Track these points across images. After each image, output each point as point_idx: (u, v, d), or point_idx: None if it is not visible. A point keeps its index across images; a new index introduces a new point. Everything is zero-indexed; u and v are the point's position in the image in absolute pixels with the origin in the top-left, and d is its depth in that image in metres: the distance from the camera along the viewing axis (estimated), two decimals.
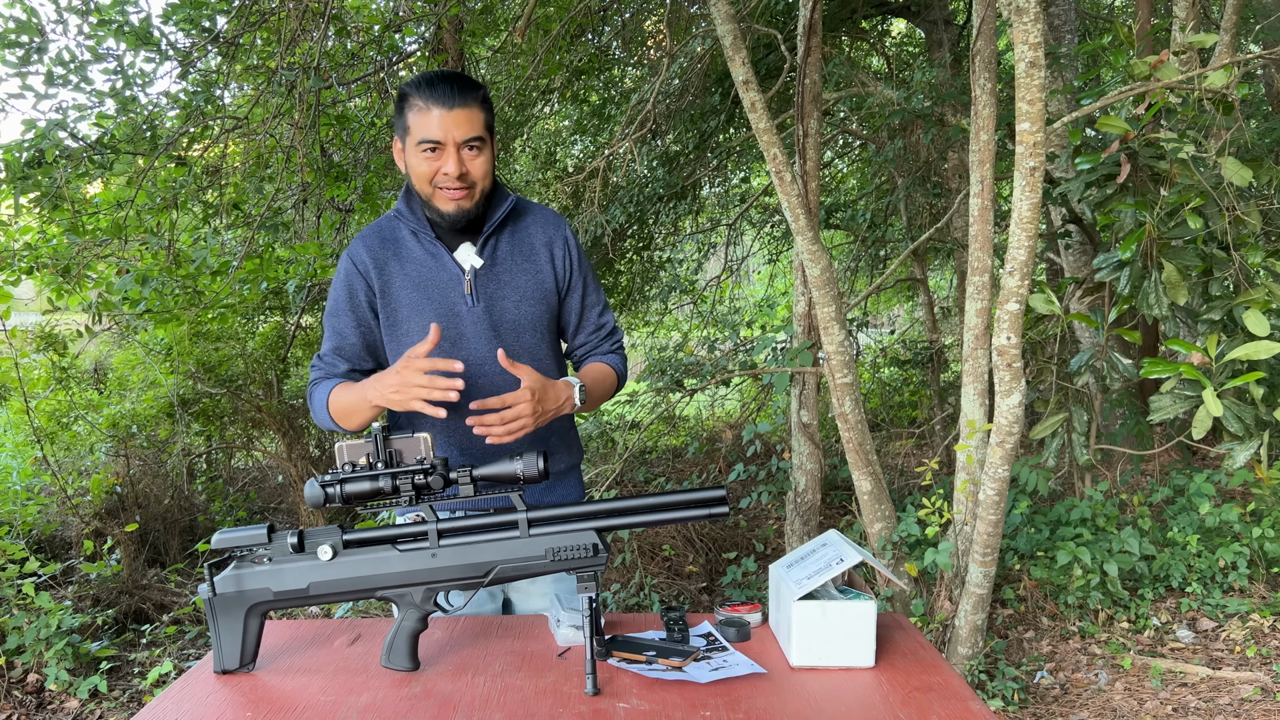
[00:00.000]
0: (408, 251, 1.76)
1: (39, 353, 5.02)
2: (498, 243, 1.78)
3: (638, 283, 7.51)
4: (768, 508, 5.18)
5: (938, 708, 1.30)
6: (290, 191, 4.26)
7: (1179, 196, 2.88)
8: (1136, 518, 4.06)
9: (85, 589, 4.22)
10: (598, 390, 1.81)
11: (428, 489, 1.42)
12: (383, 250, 1.76)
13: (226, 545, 1.47)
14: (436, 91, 1.63)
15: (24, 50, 3.64)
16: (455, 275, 1.75)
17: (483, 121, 1.67)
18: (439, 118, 1.63)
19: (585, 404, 1.74)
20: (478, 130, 1.66)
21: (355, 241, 1.78)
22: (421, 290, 1.74)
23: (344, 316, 1.76)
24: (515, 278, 1.78)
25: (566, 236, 1.85)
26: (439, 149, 1.65)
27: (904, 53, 7.72)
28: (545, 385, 1.63)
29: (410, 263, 1.75)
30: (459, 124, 1.63)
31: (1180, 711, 3.13)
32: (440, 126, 1.63)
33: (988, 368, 3.19)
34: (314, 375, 1.77)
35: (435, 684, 1.41)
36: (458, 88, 1.64)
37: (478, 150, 1.67)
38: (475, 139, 1.66)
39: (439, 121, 1.63)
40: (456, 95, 1.63)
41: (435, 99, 1.63)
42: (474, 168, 1.68)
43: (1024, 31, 2.65)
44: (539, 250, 1.81)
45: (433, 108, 1.63)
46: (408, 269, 1.75)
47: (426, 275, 1.75)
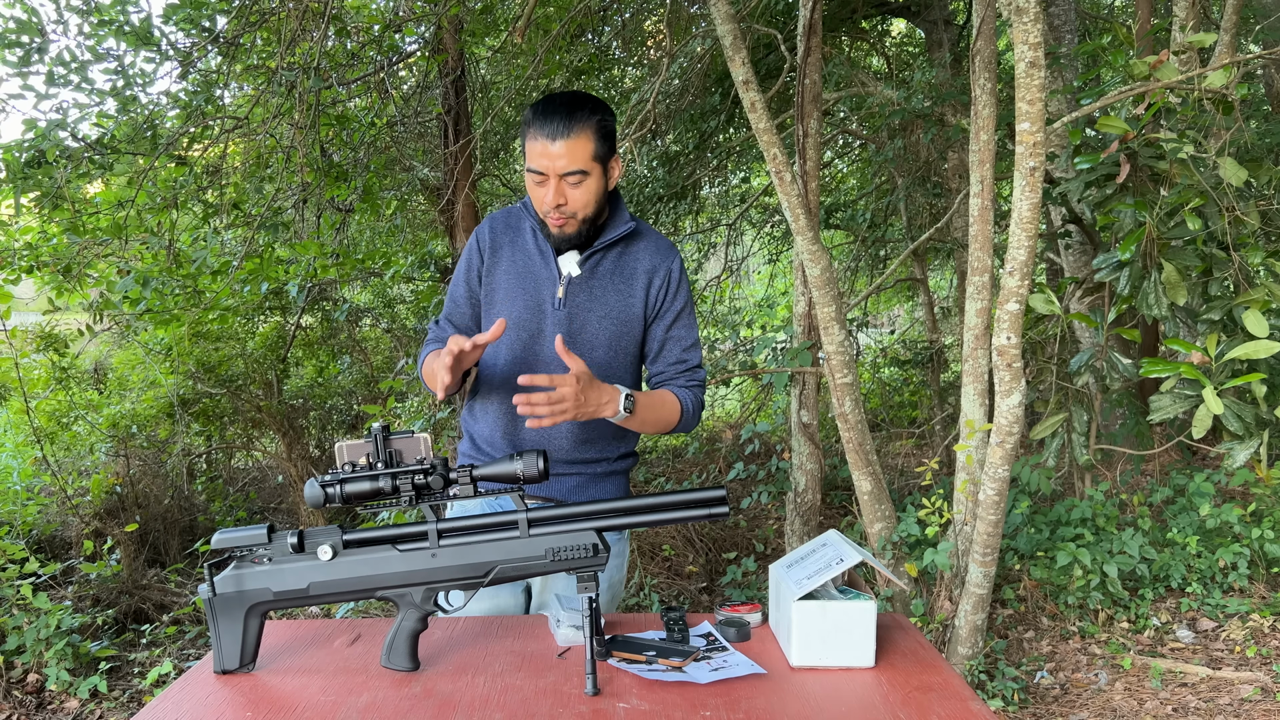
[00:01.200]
0: (522, 241, 1.86)
1: (39, 353, 5.02)
2: (603, 259, 1.84)
3: None
4: (768, 508, 5.18)
5: (938, 708, 1.30)
6: (290, 191, 4.26)
7: (1179, 196, 2.89)
8: (1136, 518, 4.06)
9: (85, 589, 4.22)
10: (651, 413, 1.79)
11: (428, 489, 1.42)
12: (504, 234, 1.87)
13: (226, 545, 1.47)
14: (546, 122, 1.67)
15: (25, 50, 3.64)
16: (553, 276, 1.82)
17: (590, 152, 1.70)
18: (543, 149, 1.68)
19: (632, 417, 1.73)
20: (579, 164, 1.69)
21: (487, 219, 1.90)
22: (519, 280, 1.83)
23: (460, 286, 1.88)
24: (606, 295, 1.83)
25: (671, 268, 1.87)
26: (543, 179, 1.71)
27: (904, 53, 7.71)
28: (593, 380, 1.65)
29: (520, 252, 1.85)
30: (560, 157, 1.68)
31: (1180, 711, 3.13)
32: (544, 157, 1.68)
33: (988, 368, 3.19)
34: (428, 336, 1.90)
35: (435, 684, 1.41)
36: (567, 119, 1.67)
37: (578, 182, 1.71)
38: (576, 171, 1.70)
39: (544, 153, 1.68)
40: (561, 127, 1.67)
41: (544, 129, 1.67)
42: (573, 198, 1.73)
43: (1024, 31, 2.65)
44: (639, 276, 1.85)
45: (539, 138, 1.68)
46: (516, 257, 1.85)
47: (529, 268, 1.83)
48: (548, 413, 1.60)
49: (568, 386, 1.60)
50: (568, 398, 1.60)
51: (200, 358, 5.25)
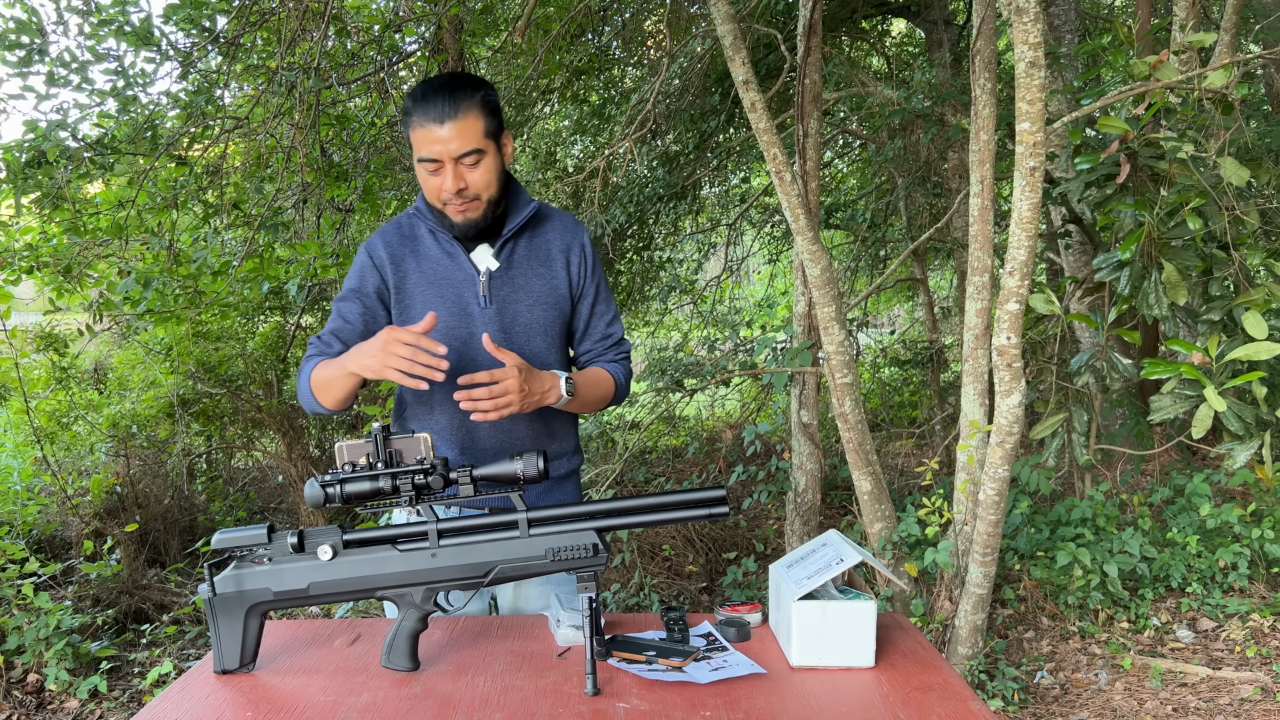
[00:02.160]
0: (425, 249, 1.77)
1: (39, 353, 5.02)
2: (515, 247, 1.79)
3: (638, 283, 7.51)
4: (768, 508, 5.18)
5: (938, 708, 1.30)
6: (290, 191, 4.26)
7: (1179, 196, 2.89)
8: (1136, 518, 4.06)
9: (85, 589, 4.22)
10: (590, 391, 1.80)
11: (428, 489, 1.42)
12: (401, 246, 1.77)
13: (226, 545, 1.47)
14: (430, 107, 1.60)
15: (25, 51, 3.64)
16: (470, 276, 1.75)
17: (481, 130, 1.64)
18: (433, 135, 1.61)
19: (574, 400, 1.73)
20: (473, 143, 1.63)
21: (375, 236, 1.80)
22: (436, 288, 1.75)
23: (351, 302, 1.76)
24: (530, 282, 1.79)
25: (584, 244, 1.86)
26: (438, 166, 1.64)
27: (904, 53, 7.72)
28: (530, 369, 1.63)
29: (427, 260, 1.76)
30: (453, 139, 1.61)
31: (1180, 711, 3.13)
32: (435, 144, 1.61)
33: (988, 368, 3.19)
34: (307, 353, 1.76)
35: (435, 684, 1.41)
36: (451, 99, 1.60)
37: (476, 162, 1.65)
38: (472, 151, 1.63)
39: (433, 139, 1.61)
40: (449, 109, 1.60)
41: (429, 115, 1.60)
42: (474, 180, 1.66)
43: (1024, 31, 2.65)
44: (555, 256, 1.82)
45: (427, 124, 1.61)
46: (424, 266, 1.76)
47: (442, 274, 1.76)
48: (491, 406, 1.57)
49: (510, 378, 1.57)
50: (511, 389, 1.58)
51: (200, 358, 5.25)
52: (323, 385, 1.65)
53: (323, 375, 1.65)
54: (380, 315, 1.77)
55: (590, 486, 4.54)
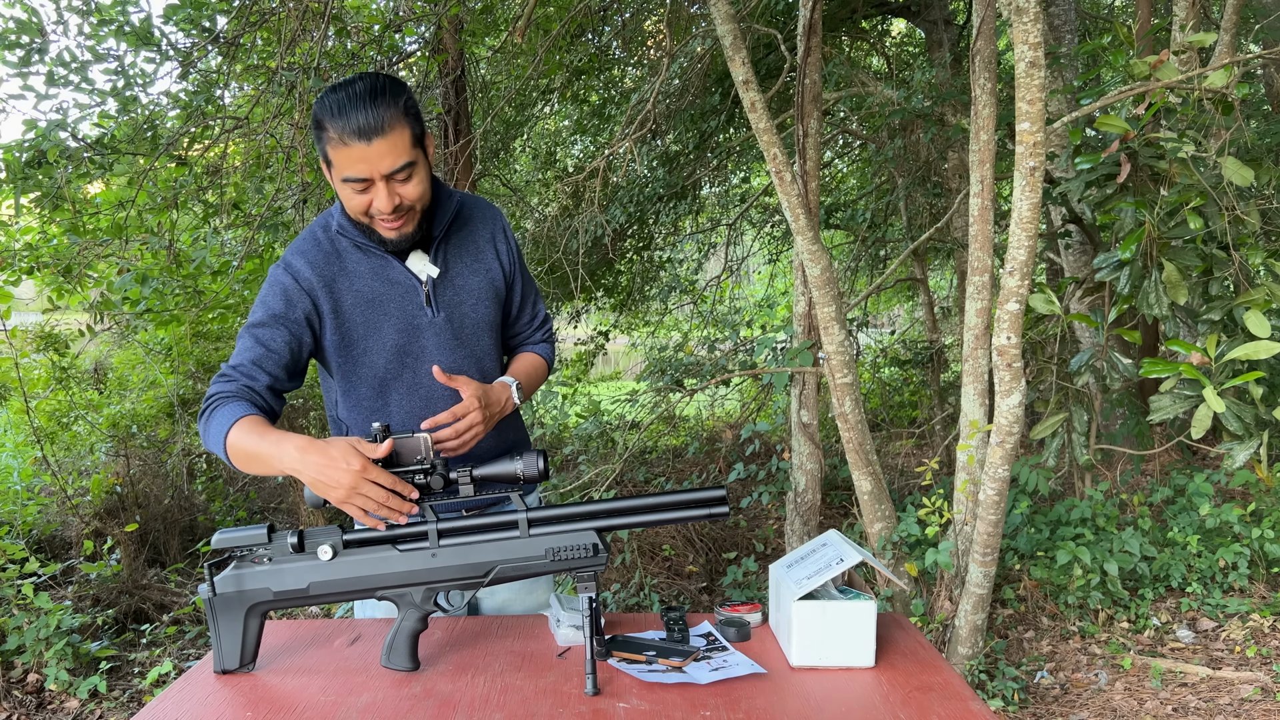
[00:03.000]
0: (354, 266, 1.63)
1: (39, 353, 5.02)
2: (447, 247, 1.69)
3: (638, 283, 7.51)
4: (768, 508, 5.18)
5: (938, 708, 1.30)
6: (290, 191, 4.26)
7: (1179, 196, 2.89)
8: (1137, 518, 4.06)
9: (85, 589, 4.22)
10: (531, 385, 1.81)
11: (428, 489, 1.42)
12: (328, 267, 1.61)
13: (226, 545, 1.46)
14: (351, 123, 1.44)
15: (25, 50, 3.64)
16: (411, 286, 1.65)
17: (409, 140, 1.49)
18: (360, 154, 1.46)
19: (522, 401, 1.74)
20: (405, 156, 1.49)
21: (292, 255, 1.62)
22: (376, 307, 1.63)
23: (275, 329, 1.57)
24: (469, 280, 1.71)
25: (504, 227, 1.79)
26: (366, 185, 1.50)
27: (904, 53, 7.72)
28: (486, 391, 1.60)
29: (359, 278, 1.63)
30: (382, 156, 1.47)
31: (1180, 711, 3.13)
32: (363, 163, 1.47)
33: (988, 368, 3.19)
34: (220, 388, 1.53)
35: (435, 684, 1.41)
36: (374, 112, 1.45)
37: (408, 176, 1.52)
38: (404, 165, 1.49)
39: (360, 157, 1.46)
40: (374, 124, 1.44)
41: (351, 132, 1.44)
42: (408, 194, 1.53)
43: (1024, 31, 2.65)
44: (484, 248, 1.74)
45: (351, 142, 1.45)
46: (358, 285, 1.63)
47: (379, 291, 1.63)
48: (459, 443, 1.56)
49: (472, 411, 1.54)
50: (475, 421, 1.55)
51: (200, 358, 5.25)
52: (245, 458, 1.45)
53: (247, 448, 1.44)
54: (307, 343, 1.61)
55: (590, 486, 4.54)
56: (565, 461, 5.49)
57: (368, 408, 1.68)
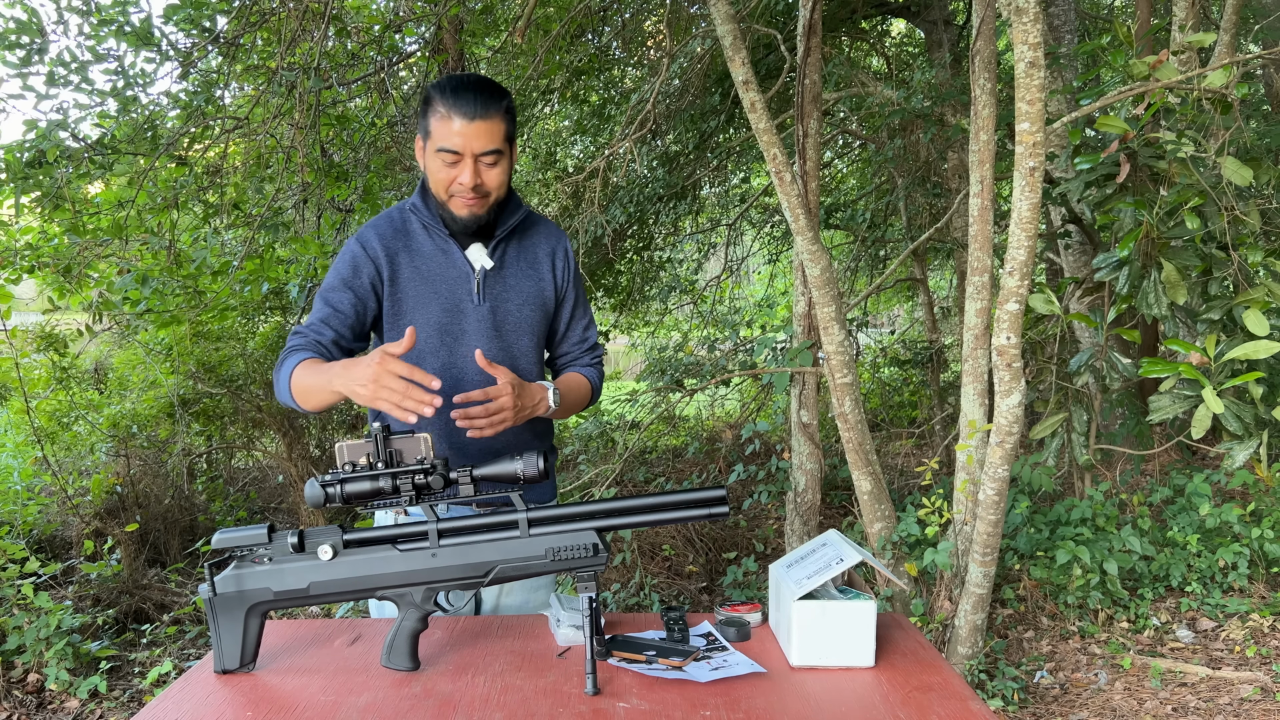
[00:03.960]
0: (419, 245, 1.78)
1: (39, 353, 5.02)
2: (506, 248, 1.82)
3: (638, 283, 7.51)
4: (768, 508, 5.18)
5: (938, 708, 1.30)
6: (290, 191, 4.26)
7: (1178, 196, 2.89)
8: (1136, 517, 4.06)
9: (85, 589, 4.22)
10: (572, 398, 1.85)
11: (428, 489, 1.42)
12: (394, 240, 1.77)
13: (227, 545, 1.47)
14: (460, 101, 1.63)
15: (25, 51, 3.64)
16: (465, 273, 1.77)
17: (503, 133, 1.68)
18: (459, 128, 1.63)
19: (559, 409, 1.78)
20: (496, 143, 1.67)
21: (366, 228, 1.79)
22: (429, 284, 1.76)
23: (343, 292, 1.73)
24: (520, 282, 1.82)
25: (566, 249, 1.91)
26: (457, 159, 1.66)
27: (904, 53, 7.72)
28: (522, 384, 1.66)
29: (420, 256, 1.77)
30: (479, 136, 1.64)
31: (1180, 711, 3.13)
32: (460, 137, 1.64)
33: (988, 368, 3.19)
34: (291, 343, 1.70)
35: (435, 684, 1.41)
36: (482, 99, 1.64)
37: (495, 162, 1.69)
38: (493, 151, 1.67)
39: (459, 132, 1.63)
40: (479, 107, 1.63)
41: (458, 108, 1.63)
42: (489, 178, 1.69)
43: (1024, 31, 2.65)
44: (542, 260, 1.86)
45: (454, 117, 1.63)
46: (417, 262, 1.77)
47: (436, 270, 1.77)
48: (487, 424, 1.61)
49: (504, 395, 1.60)
50: (505, 406, 1.61)
51: (200, 358, 5.25)
52: (304, 391, 1.62)
53: (306, 382, 1.61)
54: (371, 308, 1.76)
55: (590, 486, 4.54)
56: (565, 461, 5.49)
57: None
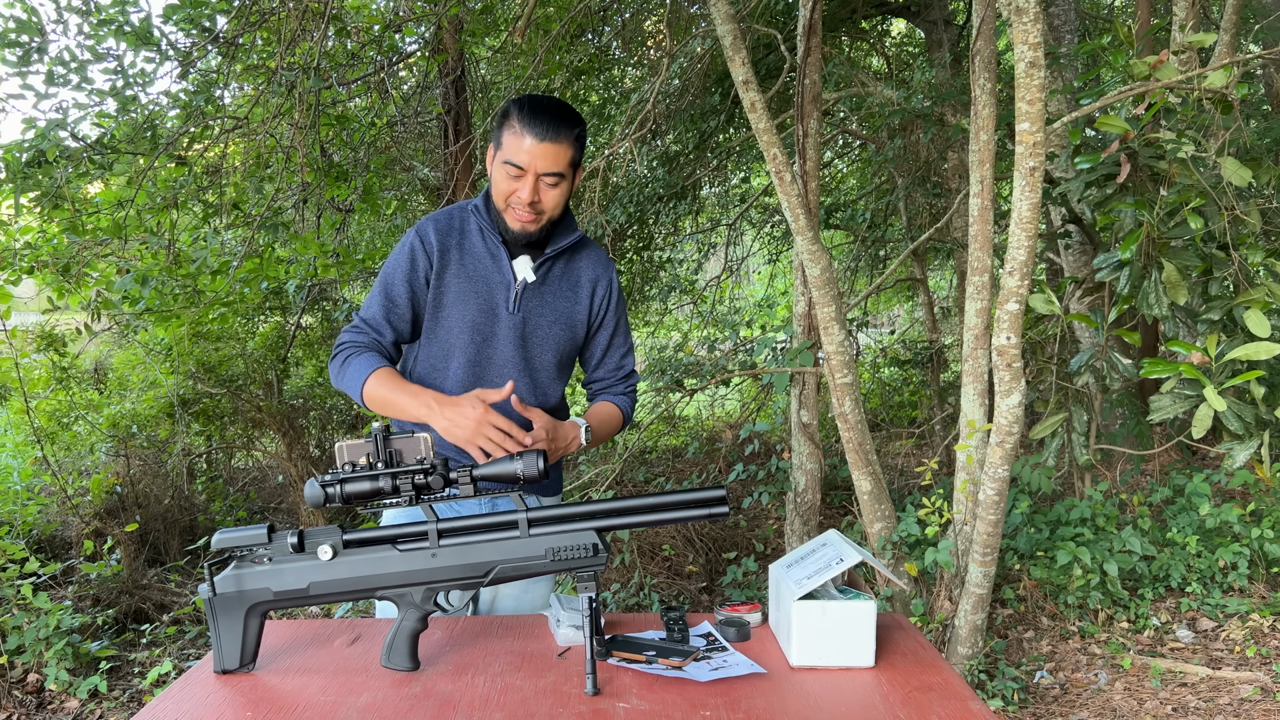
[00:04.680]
0: (470, 244, 1.84)
1: (39, 353, 5.02)
2: (552, 266, 1.88)
3: (638, 283, 7.51)
4: (768, 508, 5.18)
5: (938, 708, 1.30)
6: (290, 191, 4.26)
7: (1179, 196, 2.89)
8: (1136, 518, 4.06)
9: (85, 589, 4.22)
10: (603, 429, 1.91)
11: (428, 489, 1.42)
12: (449, 236, 1.84)
13: (226, 545, 1.47)
14: (535, 120, 1.69)
15: (24, 50, 3.64)
16: (507, 281, 1.83)
17: (569, 159, 1.74)
18: (529, 146, 1.69)
19: (590, 443, 1.83)
20: (560, 166, 1.73)
21: (426, 221, 1.86)
22: (472, 284, 1.82)
23: (402, 285, 1.81)
24: (556, 300, 1.88)
25: (612, 279, 1.96)
26: (520, 174, 1.72)
27: (904, 53, 7.72)
28: (556, 426, 1.73)
29: (470, 255, 1.84)
30: (545, 156, 1.70)
31: (1180, 711, 3.13)
32: (527, 155, 1.70)
33: (988, 368, 3.19)
34: (353, 337, 1.80)
35: (435, 684, 1.41)
36: (555, 123, 1.70)
37: (555, 184, 1.74)
38: (556, 174, 1.73)
39: (527, 150, 1.70)
40: (550, 129, 1.69)
41: (531, 127, 1.69)
42: (547, 198, 1.76)
43: (1024, 31, 2.65)
44: (584, 285, 1.92)
45: (526, 135, 1.69)
46: (466, 260, 1.83)
47: (481, 271, 1.83)
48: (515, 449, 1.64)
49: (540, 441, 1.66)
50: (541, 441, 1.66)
51: (200, 358, 5.25)
52: (381, 403, 1.72)
53: (385, 396, 1.71)
54: (424, 300, 1.84)
55: (590, 486, 4.54)
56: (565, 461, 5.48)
57: (432, 366, 1.86)
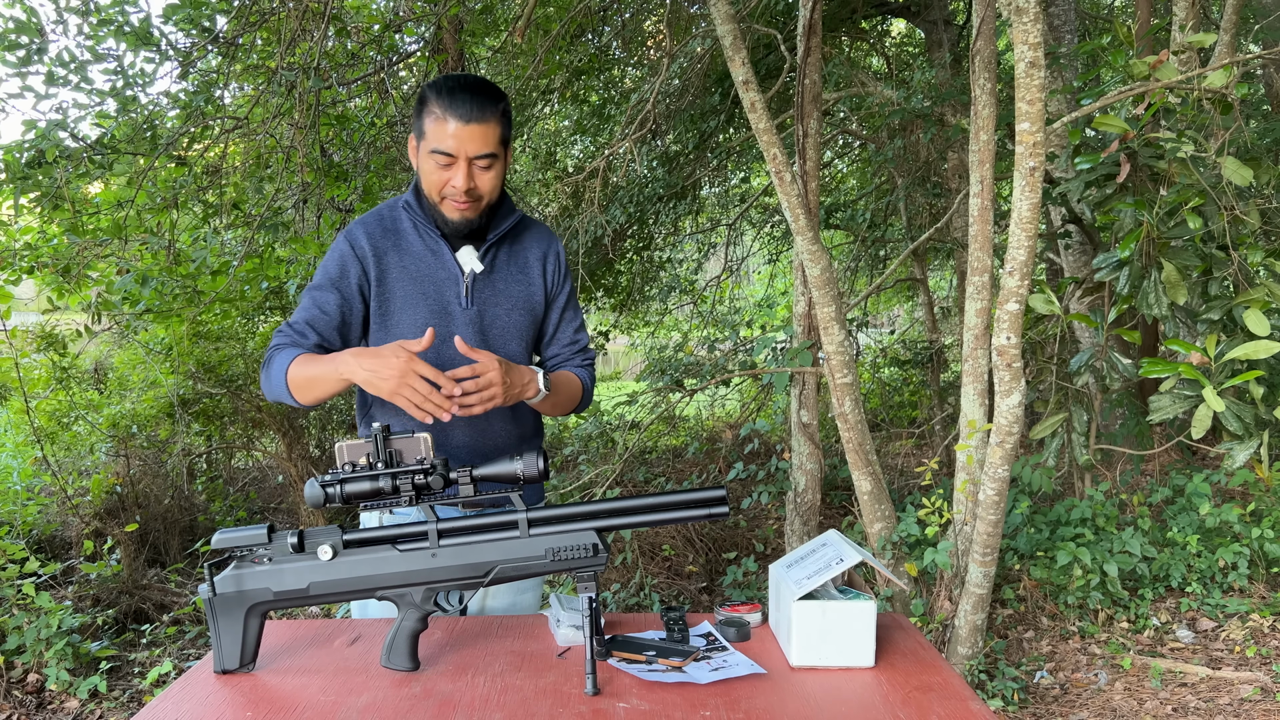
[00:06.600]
0: (408, 244, 1.76)
1: (39, 353, 5.02)
2: (497, 251, 1.80)
3: (638, 283, 7.51)
4: (768, 508, 5.18)
5: (938, 708, 1.30)
6: (290, 191, 4.26)
7: (1178, 196, 2.89)
8: (1136, 518, 4.06)
9: (85, 589, 4.22)
10: (564, 390, 1.81)
11: (428, 489, 1.42)
12: (384, 239, 1.75)
13: (226, 545, 1.46)
14: (456, 103, 1.61)
15: (24, 50, 3.64)
16: (454, 275, 1.75)
17: (498, 136, 1.66)
18: (454, 131, 1.62)
19: (549, 396, 1.74)
20: (491, 147, 1.65)
21: (355, 225, 1.76)
22: (418, 284, 1.74)
23: (329, 291, 1.72)
24: (509, 286, 1.80)
25: (558, 252, 1.89)
26: (451, 162, 1.64)
27: (904, 53, 7.72)
28: (509, 363, 1.64)
29: (410, 256, 1.75)
30: (473, 139, 1.62)
31: (1180, 711, 3.13)
32: (454, 140, 1.62)
33: (988, 368, 3.19)
34: (277, 341, 1.70)
35: (435, 684, 1.41)
36: (478, 101, 1.62)
37: (489, 165, 1.67)
38: (488, 155, 1.65)
39: (453, 135, 1.62)
40: (475, 110, 1.61)
41: (453, 111, 1.61)
42: (483, 182, 1.68)
43: (1024, 31, 2.65)
44: (533, 264, 1.84)
45: (450, 119, 1.61)
46: (406, 262, 1.75)
47: (425, 271, 1.75)
48: (478, 400, 1.57)
49: (491, 370, 1.57)
50: (495, 381, 1.57)
51: (200, 358, 5.25)
52: (305, 383, 1.62)
53: (306, 373, 1.61)
54: (357, 309, 1.74)
55: (590, 486, 4.54)
56: (565, 461, 5.49)
57: None
